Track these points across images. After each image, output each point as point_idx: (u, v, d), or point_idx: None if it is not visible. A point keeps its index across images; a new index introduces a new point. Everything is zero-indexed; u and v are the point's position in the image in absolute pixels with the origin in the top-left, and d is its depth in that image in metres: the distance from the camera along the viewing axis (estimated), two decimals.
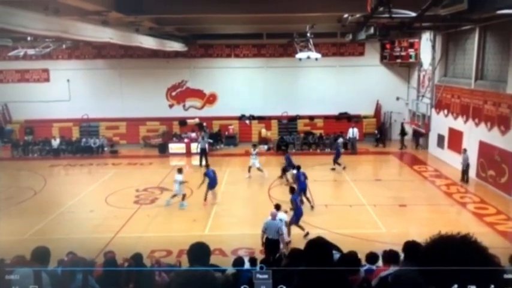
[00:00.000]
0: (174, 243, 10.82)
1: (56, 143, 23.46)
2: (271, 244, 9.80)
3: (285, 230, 10.52)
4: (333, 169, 18.73)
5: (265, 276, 2.62)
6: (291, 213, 11.78)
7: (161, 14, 14.72)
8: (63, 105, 25.05)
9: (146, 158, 22.42)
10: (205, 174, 15.03)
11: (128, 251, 7.26)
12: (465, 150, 17.20)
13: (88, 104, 25.00)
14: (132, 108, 24.92)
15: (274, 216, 10.10)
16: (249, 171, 17.96)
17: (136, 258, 6.93)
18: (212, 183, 14.88)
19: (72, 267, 5.48)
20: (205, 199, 14.77)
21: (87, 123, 25.23)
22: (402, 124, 24.22)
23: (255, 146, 19.05)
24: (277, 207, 10.87)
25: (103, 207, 14.52)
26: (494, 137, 15.91)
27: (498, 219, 13.23)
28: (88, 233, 12.24)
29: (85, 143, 23.56)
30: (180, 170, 14.88)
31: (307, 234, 11.28)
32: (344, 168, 18.74)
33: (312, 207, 13.87)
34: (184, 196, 14.56)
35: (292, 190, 12.24)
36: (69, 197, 15.68)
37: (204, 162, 19.47)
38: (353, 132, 22.85)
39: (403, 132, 23.66)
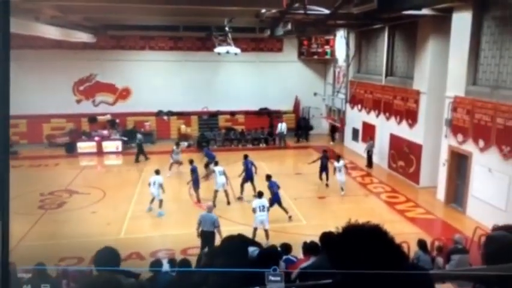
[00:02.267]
0: (86, 249, 9.94)
1: None
2: (206, 236, 9.98)
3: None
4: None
5: (278, 278, 2.39)
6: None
7: (63, 1, 13.47)
8: None
9: (51, 158, 20.57)
10: (192, 171, 14.46)
11: (32, 260, 6.46)
12: (370, 138, 18.88)
13: None
14: (34, 105, 22.61)
15: (210, 209, 10.39)
16: (170, 168, 17.29)
17: (39, 269, 6.11)
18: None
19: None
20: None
21: None
22: (330, 123, 25.00)
23: (178, 144, 18.50)
24: (260, 194, 11.53)
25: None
26: (403, 130, 16.92)
27: (407, 207, 14.11)
28: None
29: None
30: (157, 172, 13.65)
31: (291, 217, 12.46)
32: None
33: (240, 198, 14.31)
34: (161, 202, 13.12)
35: (268, 177, 12.85)
36: None
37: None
38: (281, 126, 23.25)
39: (333, 129, 24.46)
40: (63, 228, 12.18)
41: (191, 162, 14.88)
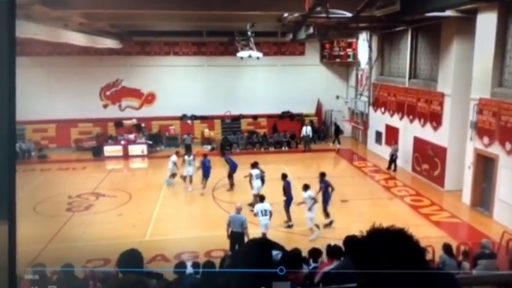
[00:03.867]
0: (112, 251, 10.18)
1: None
2: (235, 237, 10.04)
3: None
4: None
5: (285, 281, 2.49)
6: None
7: (91, 8, 13.87)
8: None
9: (79, 162, 21.11)
10: (202, 163, 15.33)
11: (61, 262, 6.69)
12: (395, 142, 18.69)
13: None
14: (62, 109, 23.28)
15: (238, 210, 10.38)
16: (185, 180, 16.25)
17: (67, 270, 6.34)
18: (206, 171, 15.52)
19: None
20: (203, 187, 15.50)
21: None
22: (335, 123, 24.89)
23: (178, 152, 17.24)
24: (306, 187, 11.71)
25: (31, 217, 13.40)
26: (427, 133, 16.69)
27: (432, 210, 13.87)
28: None
29: None
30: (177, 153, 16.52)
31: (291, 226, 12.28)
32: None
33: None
34: (174, 175, 15.96)
35: (284, 177, 12.86)
36: None
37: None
38: (306, 130, 23.15)
39: (337, 131, 24.26)
40: (90, 230, 12.42)
41: (205, 155, 16.15)
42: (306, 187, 11.81)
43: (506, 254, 8.50)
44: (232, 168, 15.75)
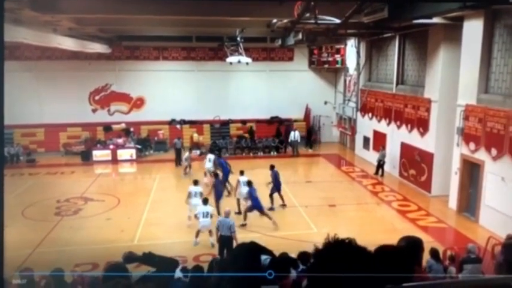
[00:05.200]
0: (100, 255, 10.13)
1: None
2: (224, 241, 10.23)
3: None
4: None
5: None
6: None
7: (81, 13, 13.84)
8: None
9: (67, 166, 20.97)
10: (220, 164, 15.64)
11: (49, 267, 6.67)
12: (383, 147, 18.84)
13: None
14: (51, 114, 23.13)
15: (227, 215, 10.64)
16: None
17: (56, 275, 6.31)
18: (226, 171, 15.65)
19: None
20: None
21: None
22: (309, 129, 25.21)
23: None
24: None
25: (19, 221, 13.28)
26: (415, 139, 16.90)
27: (419, 215, 14.03)
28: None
29: None
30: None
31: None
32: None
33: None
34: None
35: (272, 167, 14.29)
36: None
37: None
38: (294, 135, 23.27)
39: (309, 134, 24.69)
40: (79, 235, 12.35)
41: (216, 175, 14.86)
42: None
43: (492, 259, 8.62)
44: (225, 174, 15.52)
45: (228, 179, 15.56)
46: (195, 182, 13.50)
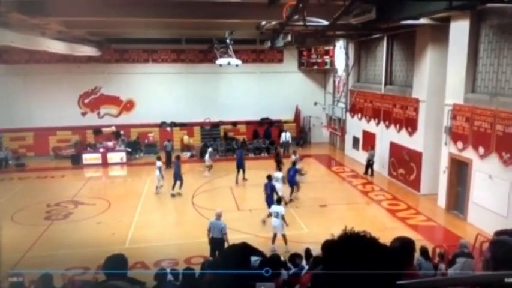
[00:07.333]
0: (91, 259, 10.09)
1: None
2: (215, 243, 10.17)
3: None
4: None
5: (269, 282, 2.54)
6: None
7: (69, 16, 13.78)
8: None
9: (57, 170, 20.81)
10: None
11: (39, 270, 6.63)
12: (371, 147, 18.98)
13: None
14: (40, 117, 22.93)
15: (218, 217, 10.48)
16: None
17: (45, 279, 6.28)
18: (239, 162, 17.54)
19: None
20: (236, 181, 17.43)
21: None
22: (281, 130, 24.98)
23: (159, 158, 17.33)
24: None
25: (9, 226, 13.16)
26: (403, 138, 17.06)
27: (408, 214, 14.19)
28: None
29: None
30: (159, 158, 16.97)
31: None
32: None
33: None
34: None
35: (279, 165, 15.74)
36: None
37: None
38: (285, 136, 23.38)
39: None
40: (69, 239, 12.28)
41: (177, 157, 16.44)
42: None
43: (480, 256, 8.73)
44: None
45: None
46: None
